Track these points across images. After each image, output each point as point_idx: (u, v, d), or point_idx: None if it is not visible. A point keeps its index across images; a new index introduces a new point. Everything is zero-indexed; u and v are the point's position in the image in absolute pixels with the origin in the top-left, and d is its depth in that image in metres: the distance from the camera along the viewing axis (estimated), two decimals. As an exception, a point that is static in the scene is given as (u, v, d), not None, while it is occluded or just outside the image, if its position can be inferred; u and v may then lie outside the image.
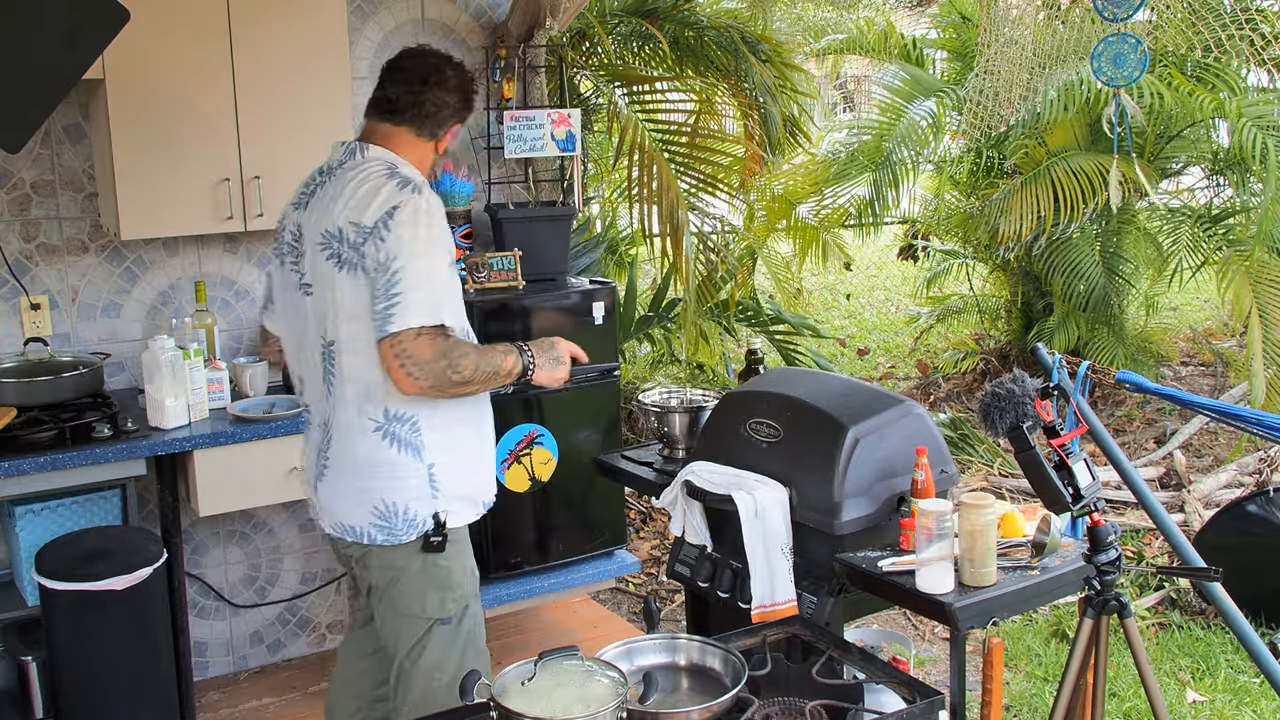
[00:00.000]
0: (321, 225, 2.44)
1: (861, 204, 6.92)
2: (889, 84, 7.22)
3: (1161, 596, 4.35)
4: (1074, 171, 5.82)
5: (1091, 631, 2.34)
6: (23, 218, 3.56)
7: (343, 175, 2.46)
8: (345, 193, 2.42)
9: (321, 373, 2.49)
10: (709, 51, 5.20)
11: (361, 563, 2.56)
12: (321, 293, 2.44)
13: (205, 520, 3.83)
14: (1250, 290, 5.52)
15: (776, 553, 2.65)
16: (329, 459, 2.50)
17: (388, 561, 2.51)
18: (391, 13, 4.05)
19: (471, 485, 2.57)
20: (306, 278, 2.48)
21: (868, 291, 10.78)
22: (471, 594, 2.60)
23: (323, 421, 2.52)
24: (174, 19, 3.31)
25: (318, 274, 2.44)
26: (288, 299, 2.58)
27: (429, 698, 2.53)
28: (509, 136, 4.07)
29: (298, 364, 2.60)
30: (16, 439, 3.12)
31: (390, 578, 2.52)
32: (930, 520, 2.29)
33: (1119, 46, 3.11)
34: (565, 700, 1.83)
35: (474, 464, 2.58)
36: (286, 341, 2.64)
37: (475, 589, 2.62)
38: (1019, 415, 2.31)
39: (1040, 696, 3.74)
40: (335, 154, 2.54)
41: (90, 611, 3.04)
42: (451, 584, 2.54)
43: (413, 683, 2.56)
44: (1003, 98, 3.98)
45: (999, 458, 5.66)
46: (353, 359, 2.42)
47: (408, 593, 2.52)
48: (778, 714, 2.00)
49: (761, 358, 3.44)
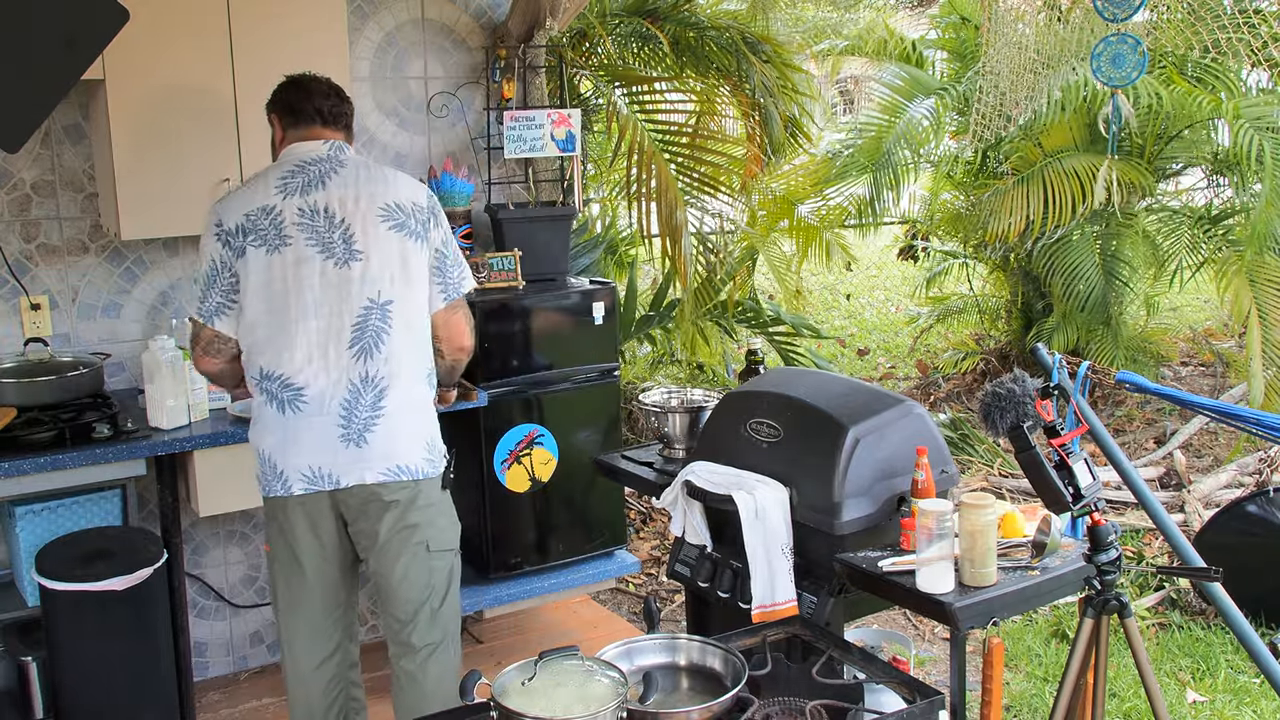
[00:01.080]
0: (376, 200, 2.74)
1: (861, 204, 6.92)
2: (889, 82, 7.22)
3: (1162, 596, 4.35)
4: (1067, 173, 5.82)
5: (1092, 631, 2.34)
6: (23, 218, 3.56)
7: (355, 163, 2.79)
8: (383, 176, 2.80)
9: (359, 332, 2.70)
10: (709, 52, 5.21)
11: (408, 504, 2.78)
12: (382, 257, 2.72)
13: (205, 520, 3.83)
14: (1249, 291, 5.52)
15: (777, 553, 2.65)
16: (384, 408, 2.72)
17: (430, 496, 2.81)
18: (391, 13, 4.05)
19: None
20: (356, 245, 2.71)
21: (868, 291, 10.78)
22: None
23: (354, 381, 2.70)
24: (174, 19, 3.31)
25: (376, 241, 2.72)
26: (289, 279, 2.68)
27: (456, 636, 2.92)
28: (509, 137, 4.07)
29: (303, 341, 2.68)
30: (16, 439, 3.12)
31: (429, 517, 2.81)
32: (930, 520, 2.29)
33: (1118, 47, 3.12)
34: (565, 700, 1.83)
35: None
36: (273, 327, 2.69)
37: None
38: (1019, 415, 2.31)
39: (1040, 696, 3.74)
40: (316, 149, 2.77)
41: (90, 612, 3.04)
42: (455, 515, 2.92)
43: (447, 621, 2.88)
44: (1009, 99, 3.98)
45: (999, 458, 5.66)
46: (414, 314, 2.78)
47: (441, 526, 2.85)
48: (778, 714, 2.00)
49: (761, 358, 3.44)
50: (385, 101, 4.08)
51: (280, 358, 2.67)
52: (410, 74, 4.11)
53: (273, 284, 2.67)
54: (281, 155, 2.80)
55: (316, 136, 2.80)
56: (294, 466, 2.70)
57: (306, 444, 2.69)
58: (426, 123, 4.16)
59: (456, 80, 4.20)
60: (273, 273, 2.67)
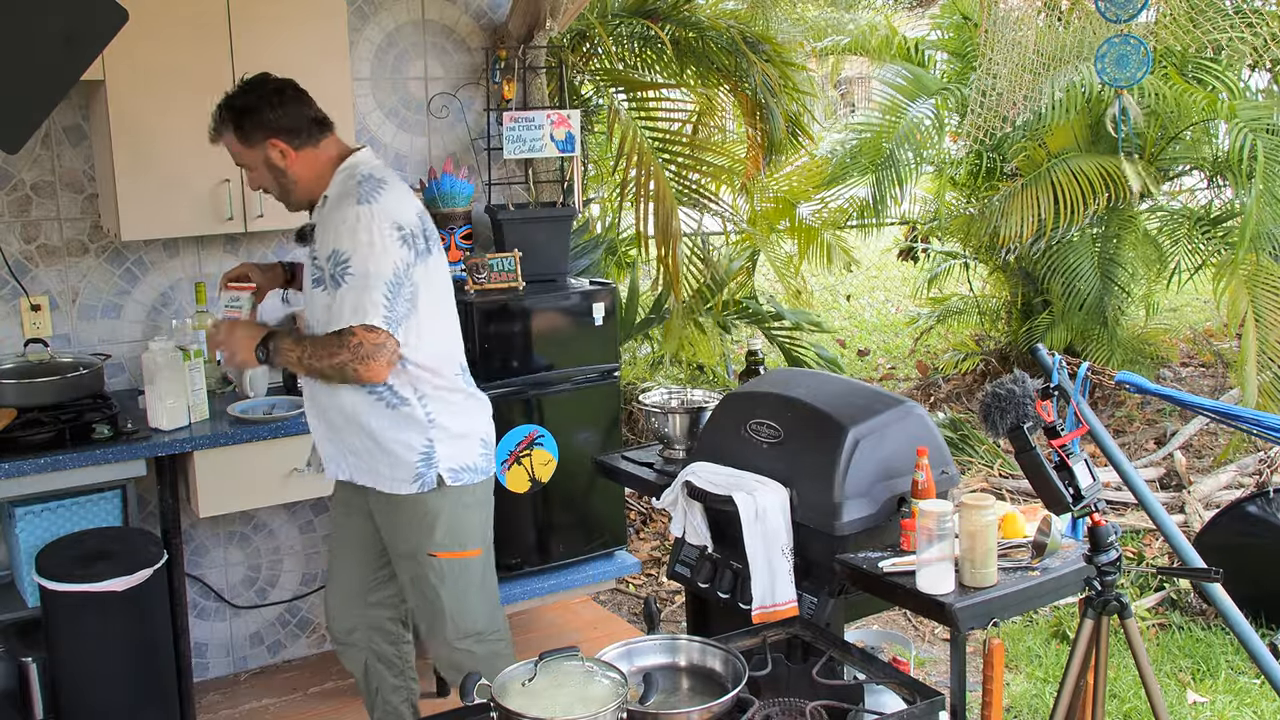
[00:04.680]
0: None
1: (862, 205, 6.92)
2: (890, 81, 7.22)
3: (1162, 597, 4.35)
4: (1074, 173, 5.82)
5: (1092, 632, 2.34)
6: (23, 219, 3.56)
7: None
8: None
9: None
10: (710, 52, 5.21)
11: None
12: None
13: (205, 521, 3.83)
14: (1246, 293, 5.52)
15: (777, 553, 2.65)
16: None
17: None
18: (392, 14, 4.05)
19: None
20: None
21: (868, 292, 10.78)
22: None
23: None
24: (174, 19, 3.31)
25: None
26: (448, 285, 2.82)
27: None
28: (508, 137, 4.07)
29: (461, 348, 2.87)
30: (16, 440, 3.12)
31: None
32: (931, 521, 2.29)
33: (1122, 48, 3.12)
34: (565, 701, 1.83)
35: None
36: (453, 330, 2.83)
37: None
38: (1019, 416, 2.31)
39: (1041, 697, 3.74)
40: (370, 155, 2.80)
41: (90, 612, 3.04)
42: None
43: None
44: (1006, 99, 3.99)
45: (999, 458, 5.66)
46: None
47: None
48: (778, 714, 2.00)
49: (762, 358, 3.44)
50: (386, 102, 4.08)
51: (460, 348, 2.85)
52: (410, 75, 4.11)
53: (447, 281, 2.80)
54: (361, 164, 2.71)
55: (344, 144, 2.79)
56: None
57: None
58: (427, 123, 4.16)
59: (457, 81, 4.20)
60: (445, 270, 2.80)
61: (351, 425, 2.75)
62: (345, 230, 2.57)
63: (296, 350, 2.62)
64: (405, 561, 2.86)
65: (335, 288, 2.58)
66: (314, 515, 4.08)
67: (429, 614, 2.85)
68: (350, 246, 2.55)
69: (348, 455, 2.81)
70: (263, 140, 2.68)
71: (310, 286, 2.74)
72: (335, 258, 2.57)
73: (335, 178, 2.70)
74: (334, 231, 2.59)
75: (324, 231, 2.64)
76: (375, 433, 2.72)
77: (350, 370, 2.57)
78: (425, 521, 2.77)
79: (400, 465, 2.73)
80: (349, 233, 2.56)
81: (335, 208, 2.64)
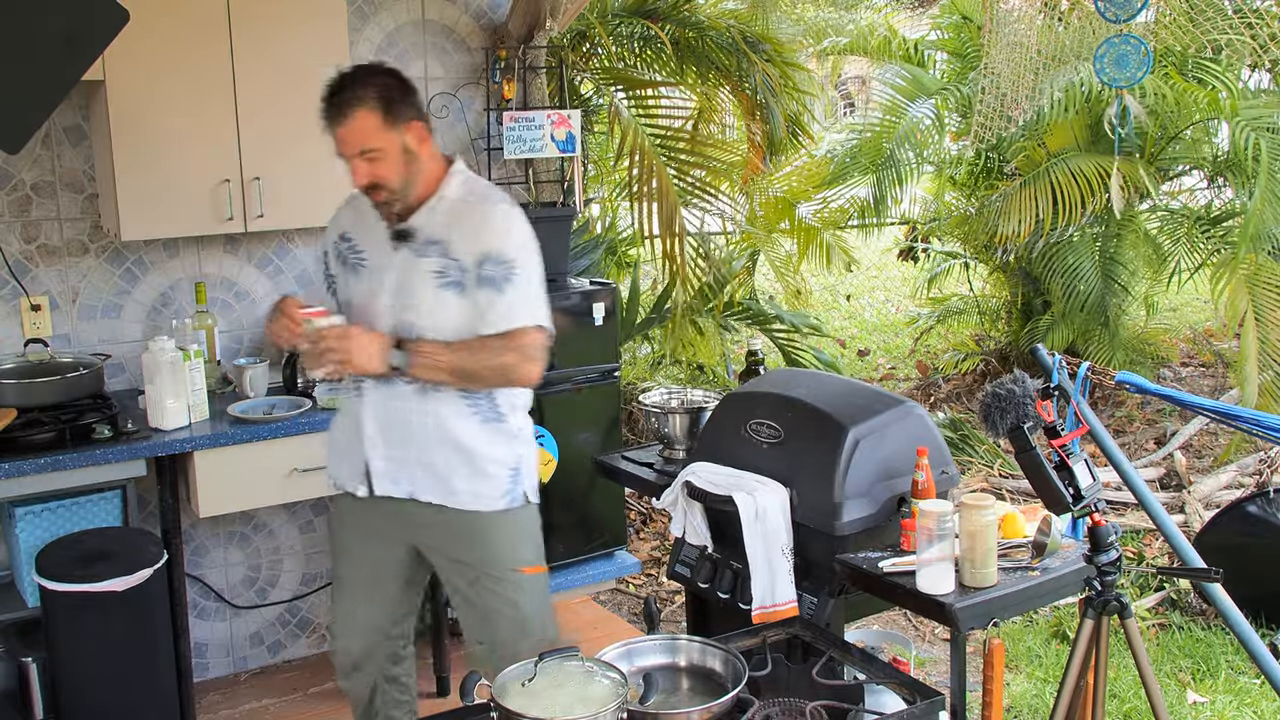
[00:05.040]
0: None
1: (863, 205, 6.92)
2: (890, 81, 7.21)
3: (1162, 597, 4.35)
4: (1074, 173, 5.82)
5: (1092, 632, 2.34)
6: (23, 219, 3.56)
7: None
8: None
9: None
10: (710, 52, 5.21)
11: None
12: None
13: (205, 521, 3.83)
14: (1246, 293, 5.52)
15: (777, 554, 2.65)
16: None
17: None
18: (392, 14, 4.05)
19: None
20: None
21: (868, 292, 10.78)
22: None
23: None
24: (174, 19, 3.31)
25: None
26: None
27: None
28: (508, 137, 4.07)
29: None
30: (16, 440, 3.12)
31: None
32: (931, 521, 2.29)
33: (1121, 48, 3.12)
34: (566, 701, 1.83)
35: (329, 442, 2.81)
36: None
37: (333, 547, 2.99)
38: (1019, 416, 2.31)
39: (1041, 697, 3.74)
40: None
41: (90, 613, 3.04)
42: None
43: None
44: (1009, 99, 3.98)
45: (999, 458, 5.66)
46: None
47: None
48: (778, 715, 2.00)
49: (762, 359, 3.44)
50: (385, 102, 4.07)
51: None
52: (411, 75, 4.08)
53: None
54: (467, 170, 2.65)
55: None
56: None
57: None
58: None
59: (457, 81, 4.20)
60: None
61: (440, 439, 2.58)
62: (498, 231, 2.51)
63: (446, 352, 2.48)
64: (482, 579, 2.66)
65: (487, 288, 2.49)
66: (314, 515, 4.08)
67: (505, 628, 2.66)
68: (510, 247, 2.50)
69: (416, 471, 2.61)
70: (407, 122, 2.51)
71: (437, 288, 2.53)
72: (493, 258, 2.49)
73: (451, 179, 2.59)
74: (476, 233, 2.51)
75: (455, 232, 2.53)
76: (471, 448, 2.58)
77: (514, 372, 2.50)
78: (517, 538, 2.66)
79: (489, 481, 2.60)
80: (503, 233, 2.51)
81: (471, 208, 2.55)
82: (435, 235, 2.54)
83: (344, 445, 2.70)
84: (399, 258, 2.57)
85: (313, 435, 3.39)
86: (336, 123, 2.50)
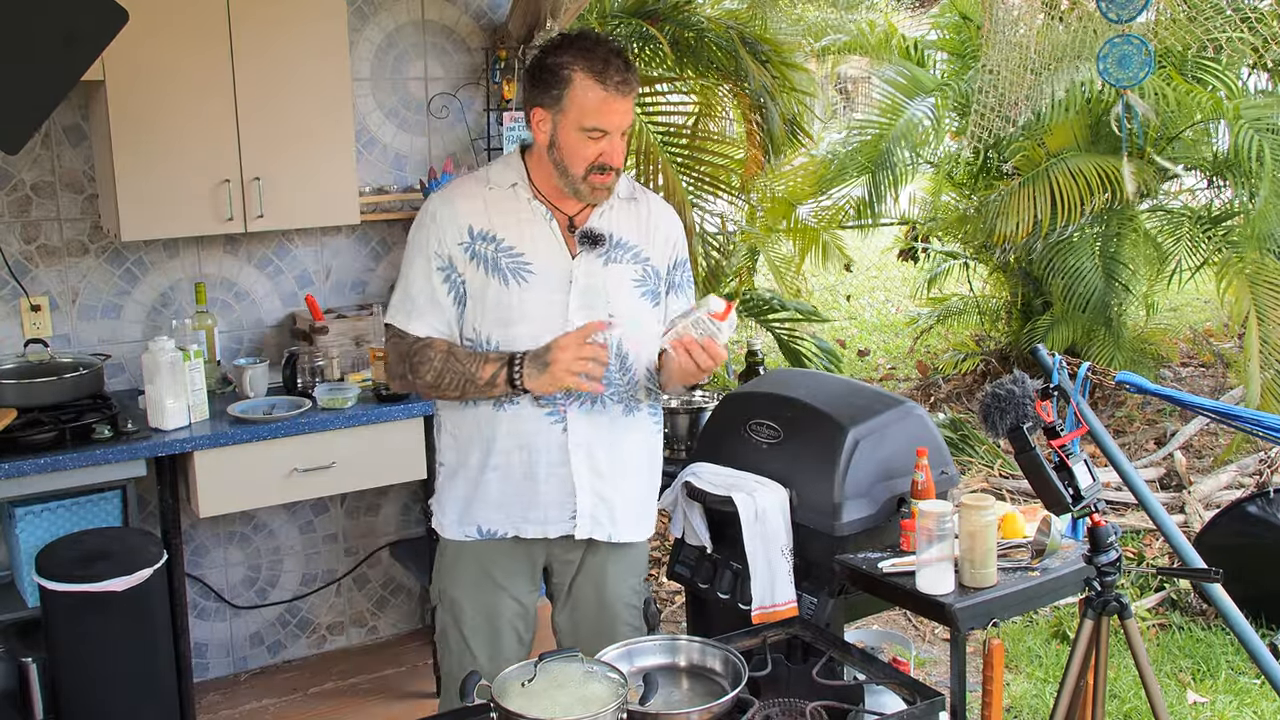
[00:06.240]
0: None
1: (861, 204, 6.91)
2: (889, 78, 7.21)
3: (1162, 597, 4.35)
4: (1073, 173, 5.82)
5: (1092, 632, 2.34)
6: (23, 219, 3.56)
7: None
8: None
9: None
10: (709, 52, 5.21)
11: None
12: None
13: (205, 521, 3.83)
14: (1248, 292, 5.52)
15: (776, 554, 2.65)
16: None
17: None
18: (392, 14, 4.05)
19: (445, 500, 2.48)
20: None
21: (868, 292, 10.77)
22: (445, 594, 2.52)
23: None
24: (174, 19, 3.31)
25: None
26: None
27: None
28: (509, 137, 4.07)
29: None
30: (16, 440, 3.12)
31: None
32: (930, 521, 2.29)
33: (1124, 48, 3.12)
34: (565, 701, 1.83)
35: (451, 483, 2.46)
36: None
37: (454, 593, 2.50)
38: (1019, 416, 2.31)
39: (1041, 698, 3.74)
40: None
41: (90, 613, 3.04)
42: (439, 574, 2.55)
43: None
44: (1008, 100, 3.98)
45: (999, 459, 5.66)
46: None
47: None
48: (778, 715, 2.00)
49: (762, 359, 3.45)
50: (386, 102, 4.07)
51: None
52: (411, 75, 4.11)
53: None
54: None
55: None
56: None
57: None
58: (427, 124, 4.16)
59: (457, 81, 4.20)
60: None
61: (644, 463, 2.47)
62: (679, 234, 2.45)
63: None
64: (618, 605, 2.55)
65: (674, 293, 2.45)
66: (314, 515, 4.08)
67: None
68: (685, 251, 2.47)
69: (604, 505, 2.41)
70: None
71: (636, 295, 2.38)
72: (682, 266, 2.46)
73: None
74: (666, 236, 2.43)
75: (645, 235, 2.40)
76: (657, 469, 2.50)
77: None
78: (646, 558, 2.60)
79: (652, 503, 2.53)
80: (681, 237, 2.46)
81: (651, 210, 2.44)
82: (625, 238, 2.37)
83: (524, 484, 2.38)
84: (584, 262, 2.33)
85: (313, 435, 3.40)
86: (622, 92, 2.20)
